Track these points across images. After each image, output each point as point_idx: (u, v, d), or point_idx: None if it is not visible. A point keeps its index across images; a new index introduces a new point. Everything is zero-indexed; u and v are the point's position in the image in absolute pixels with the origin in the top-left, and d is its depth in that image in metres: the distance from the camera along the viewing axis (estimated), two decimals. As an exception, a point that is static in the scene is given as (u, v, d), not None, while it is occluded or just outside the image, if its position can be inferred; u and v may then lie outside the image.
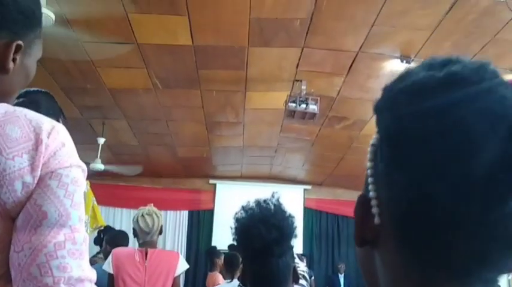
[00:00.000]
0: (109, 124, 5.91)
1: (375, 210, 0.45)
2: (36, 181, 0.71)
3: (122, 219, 8.29)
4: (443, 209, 0.39)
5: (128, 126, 6.05)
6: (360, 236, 0.47)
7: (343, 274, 8.02)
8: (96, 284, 0.78)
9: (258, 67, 4.54)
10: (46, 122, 0.75)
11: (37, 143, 0.72)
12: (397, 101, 0.42)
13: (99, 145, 5.96)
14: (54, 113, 1.53)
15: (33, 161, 0.71)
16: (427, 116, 0.39)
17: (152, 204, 2.99)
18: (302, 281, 1.85)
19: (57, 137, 0.75)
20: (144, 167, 6.76)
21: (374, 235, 0.46)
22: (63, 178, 0.73)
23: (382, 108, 0.45)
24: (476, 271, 0.41)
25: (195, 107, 5.46)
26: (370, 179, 0.46)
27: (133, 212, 8.67)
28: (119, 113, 5.61)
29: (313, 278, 6.75)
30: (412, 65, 4.18)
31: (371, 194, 0.46)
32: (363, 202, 0.47)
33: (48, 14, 3.13)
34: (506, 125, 0.38)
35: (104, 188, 7.10)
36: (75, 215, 0.74)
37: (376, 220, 0.45)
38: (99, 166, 6.03)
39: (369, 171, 0.47)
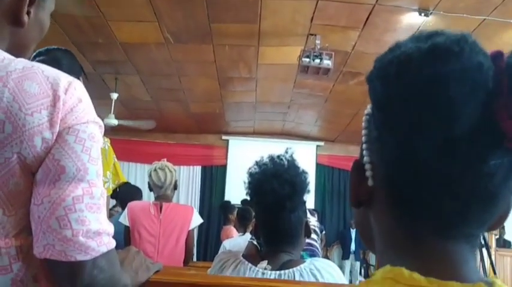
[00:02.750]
0: (122, 79, 5.90)
1: (368, 173, 0.50)
2: (54, 137, 0.72)
3: (137, 174, 8.44)
4: (428, 168, 0.44)
5: (141, 81, 6.04)
6: (356, 198, 0.53)
7: (354, 229, 8.15)
8: (112, 236, 0.79)
9: (271, 21, 4.44)
10: (63, 78, 0.76)
11: (55, 99, 0.72)
12: (387, 71, 0.46)
13: (112, 100, 5.97)
14: (75, 71, 1.53)
15: (51, 117, 0.71)
16: (413, 83, 0.43)
17: (166, 159, 3.02)
18: (313, 236, 1.87)
19: (74, 93, 0.75)
20: (157, 123, 6.78)
21: (368, 196, 0.51)
22: (80, 133, 0.74)
23: (373, 78, 0.48)
24: (458, 226, 0.46)
25: (208, 62, 5.41)
26: (364, 145, 0.52)
27: (147, 167, 8.82)
28: (132, 68, 5.58)
29: (324, 232, 6.87)
30: (431, 18, 4.05)
31: (365, 159, 0.51)
32: (358, 167, 0.53)
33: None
34: (484, 90, 0.42)
35: (118, 143, 7.14)
36: (92, 170, 0.75)
37: (370, 182, 0.50)
38: (113, 121, 6.06)
39: (363, 138, 0.52)
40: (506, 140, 0.42)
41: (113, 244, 0.77)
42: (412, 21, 4.19)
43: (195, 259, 5.22)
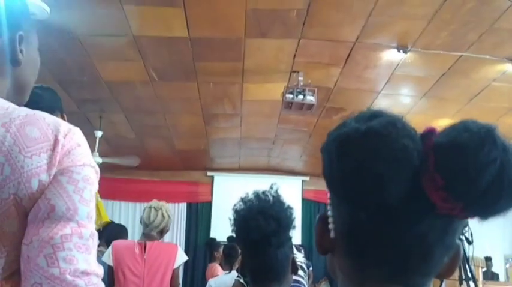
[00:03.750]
0: (106, 117, 5.89)
1: (330, 226, 0.58)
2: (50, 179, 0.73)
3: (121, 212, 8.31)
4: (368, 229, 0.53)
5: (125, 119, 6.04)
6: (321, 247, 0.61)
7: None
8: None
9: (255, 59, 4.53)
10: (63, 125, 0.78)
11: (54, 143, 0.74)
12: (329, 148, 0.53)
13: (96, 138, 5.95)
14: (57, 106, 1.53)
15: (50, 160, 0.73)
16: (348, 162, 0.50)
17: (165, 201, 2.98)
18: (300, 272, 1.86)
19: (73, 137, 0.78)
20: (141, 160, 6.74)
21: (331, 245, 0.59)
22: (74, 175, 0.75)
23: (323, 151, 0.56)
24: (401, 276, 0.53)
25: (192, 99, 5.45)
26: (329, 201, 0.60)
27: (131, 205, 8.66)
28: (116, 106, 5.59)
29: (311, 268, 6.78)
30: (409, 55, 4.19)
31: (329, 213, 0.59)
32: (323, 219, 0.60)
33: (43, 7, 3.11)
34: (410, 167, 0.49)
35: (102, 181, 6.92)
36: (83, 211, 0.75)
37: (332, 234, 0.58)
38: (97, 159, 6.01)
39: (328, 194, 0.59)
40: (438, 208, 0.49)
41: (101, 286, 0.76)
42: (391, 58, 4.32)
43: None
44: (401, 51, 4.15)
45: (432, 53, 4.12)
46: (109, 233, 3.71)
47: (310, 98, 4.77)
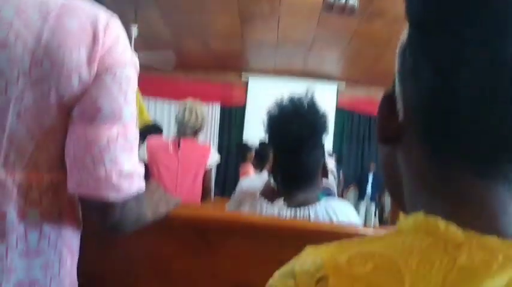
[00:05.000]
0: (141, 14, 5.79)
1: (399, 106, 0.45)
2: (92, 76, 0.72)
3: (156, 110, 8.50)
4: (467, 99, 0.38)
5: (161, 16, 5.92)
6: (384, 134, 0.48)
7: (372, 172, 8.19)
8: None
9: (296, -46, 4.23)
10: (102, 16, 0.76)
11: (94, 37, 0.73)
12: None
13: (132, 35, 5.91)
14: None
15: (89, 56, 0.72)
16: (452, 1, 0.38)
17: (199, 100, 2.98)
18: (330, 177, 1.88)
19: (112, 32, 0.76)
20: (177, 59, 6.71)
21: (397, 132, 0.46)
22: (117, 75, 0.74)
23: None
24: (497, 163, 0.40)
25: (229, -3, 5.24)
26: (397, 76, 0.46)
27: (166, 103, 8.80)
28: (151, 2, 5.46)
29: (341, 172, 6.92)
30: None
31: (397, 90, 0.46)
32: (388, 99, 0.47)
33: None
34: None
35: (138, 79, 7.16)
36: (127, 112, 0.75)
37: (400, 116, 0.45)
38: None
39: (396, 68, 0.46)
40: None
41: (142, 184, 0.79)
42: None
43: (212, 197, 5.35)
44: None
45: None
46: (143, 131, 3.80)
47: (353, 1, 4.50)
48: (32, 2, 0.72)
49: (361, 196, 8.29)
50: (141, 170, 0.79)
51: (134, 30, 5.85)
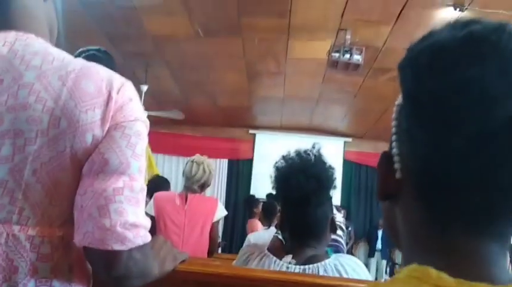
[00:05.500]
0: (151, 72, 5.97)
1: (397, 165, 0.48)
2: (104, 133, 0.76)
3: (164, 165, 8.54)
4: (459, 162, 0.41)
5: (170, 74, 6.09)
6: (383, 191, 0.50)
7: (381, 229, 8.02)
8: None
9: (302, 15, 4.40)
10: (117, 79, 0.80)
11: (108, 98, 0.76)
12: (418, 61, 0.44)
13: (142, 92, 6.06)
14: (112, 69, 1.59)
15: (103, 116, 0.76)
16: (445, 74, 0.41)
17: (207, 156, 3.02)
18: (339, 232, 1.86)
19: (125, 92, 0.80)
20: (185, 115, 6.84)
21: (395, 189, 0.48)
22: (126, 130, 0.77)
23: (404, 67, 0.46)
24: (488, 222, 0.43)
25: (237, 56, 5.41)
26: (394, 137, 0.49)
27: (174, 159, 8.84)
28: (161, 61, 5.64)
29: (350, 229, 6.81)
30: (466, 13, 3.94)
31: (394, 150, 0.49)
32: (387, 158, 0.50)
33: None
34: None
35: (148, 134, 7.26)
36: (135, 165, 0.77)
37: (398, 175, 0.48)
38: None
39: (393, 129, 0.50)
40: None
41: (148, 237, 0.79)
42: (446, 16, 4.08)
43: (219, 251, 5.26)
44: (457, 9, 3.91)
45: (490, 13, 3.86)
46: (152, 185, 3.81)
47: (357, 58, 4.63)
48: (52, 66, 0.76)
49: (371, 251, 8.11)
50: (147, 223, 0.80)
51: (144, 88, 6.01)
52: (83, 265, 0.82)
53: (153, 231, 2.88)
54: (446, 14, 4.06)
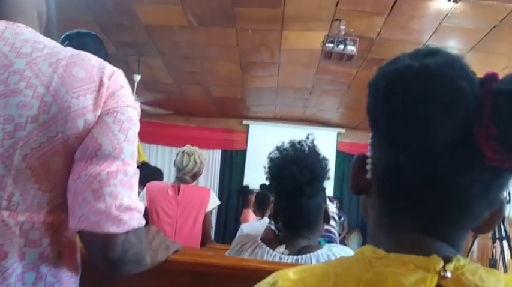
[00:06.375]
0: (144, 62, 5.93)
1: (368, 167, 0.57)
2: (96, 119, 0.76)
3: (158, 156, 8.53)
4: (408, 174, 0.50)
5: (163, 64, 6.06)
6: (355, 187, 0.60)
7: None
8: None
9: (295, 5, 4.38)
10: (108, 67, 0.81)
11: (99, 85, 0.78)
12: (377, 85, 0.50)
13: (135, 81, 6.02)
14: (100, 56, 1.56)
15: (95, 101, 0.76)
16: (397, 100, 0.47)
17: (198, 147, 3.03)
18: (332, 222, 1.87)
19: (117, 79, 0.81)
20: (178, 106, 6.82)
21: (366, 186, 0.58)
22: (118, 115, 0.78)
23: (369, 86, 0.53)
24: (436, 226, 0.51)
25: (230, 46, 5.38)
26: (369, 141, 0.58)
27: (167, 149, 8.84)
28: (154, 51, 5.60)
29: (342, 219, 6.85)
30: (460, 4, 3.94)
31: (368, 153, 0.58)
32: (360, 159, 0.59)
33: None
34: (463, 112, 0.45)
35: (140, 124, 7.23)
36: (127, 150, 0.78)
37: (368, 175, 0.57)
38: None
39: (370, 134, 0.57)
40: (487, 159, 0.46)
41: (143, 221, 0.80)
42: (440, 7, 4.08)
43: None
44: (451, 0, 3.91)
45: (485, 3, 3.86)
46: (145, 174, 3.79)
47: (351, 48, 4.62)
48: (43, 54, 0.77)
49: (364, 241, 8.16)
50: (141, 207, 0.80)
51: (137, 78, 5.98)
52: (73, 253, 0.82)
53: (145, 222, 2.89)
54: (440, 5, 4.06)
